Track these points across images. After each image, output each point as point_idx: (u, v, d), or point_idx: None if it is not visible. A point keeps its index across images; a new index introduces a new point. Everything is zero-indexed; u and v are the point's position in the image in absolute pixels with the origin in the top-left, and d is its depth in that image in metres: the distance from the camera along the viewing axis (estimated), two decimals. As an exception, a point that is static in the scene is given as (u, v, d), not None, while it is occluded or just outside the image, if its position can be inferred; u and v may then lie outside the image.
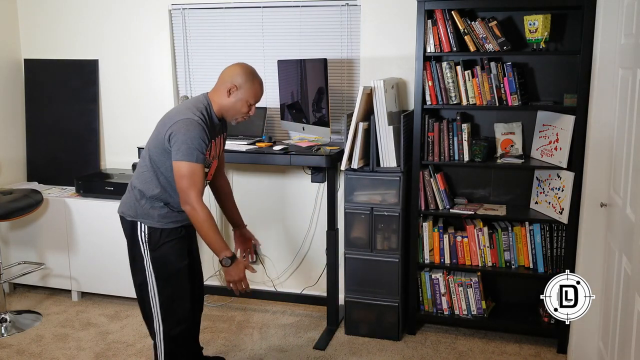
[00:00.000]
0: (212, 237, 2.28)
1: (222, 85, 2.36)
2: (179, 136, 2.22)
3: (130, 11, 3.77)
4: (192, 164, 2.23)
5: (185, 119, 2.25)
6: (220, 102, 2.37)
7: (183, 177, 2.23)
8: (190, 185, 2.23)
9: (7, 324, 3.40)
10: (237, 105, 2.37)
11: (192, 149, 2.22)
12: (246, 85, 2.35)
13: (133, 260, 2.43)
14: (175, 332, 2.41)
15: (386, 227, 3.13)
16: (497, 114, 3.22)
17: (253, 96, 2.38)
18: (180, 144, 2.22)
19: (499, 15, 3.06)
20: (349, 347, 3.16)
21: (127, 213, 2.40)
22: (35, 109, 4.06)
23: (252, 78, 2.36)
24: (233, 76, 2.35)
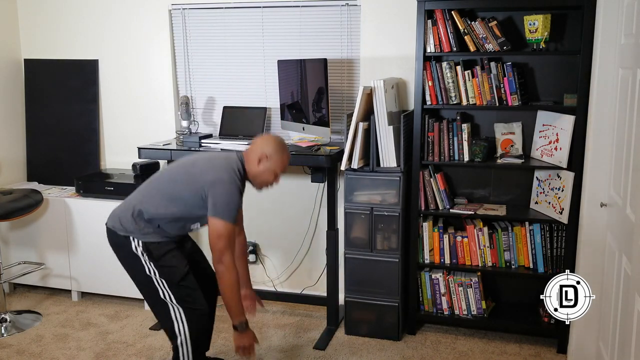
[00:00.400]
0: (235, 301, 2.42)
1: (254, 153, 2.49)
2: (219, 194, 2.34)
3: (130, 11, 3.78)
4: (230, 225, 2.34)
5: (225, 179, 2.36)
6: (250, 168, 2.50)
7: (221, 237, 2.33)
8: (227, 246, 2.35)
9: (7, 324, 3.40)
10: (265, 174, 2.50)
11: (232, 209, 2.35)
12: (275, 157, 2.49)
13: (136, 274, 2.47)
14: (199, 325, 2.48)
15: (386, 227, 3.13)
16: (497, 114, 3.22)
17: (280, 167, 2.53)
18: (220, 203, 2.34)
19: (499, 15, 3.06)
20: (349, 347, 3.16)
21: (119, 228, 2.43)
22: (35, 109, 4.06)
23: (282, 150, 2.52)
24: (265, 146, 2.49)
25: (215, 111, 3.76)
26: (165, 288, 2.42)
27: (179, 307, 2.43)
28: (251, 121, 3.56)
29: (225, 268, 2.35)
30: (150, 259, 2.40)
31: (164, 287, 2.42)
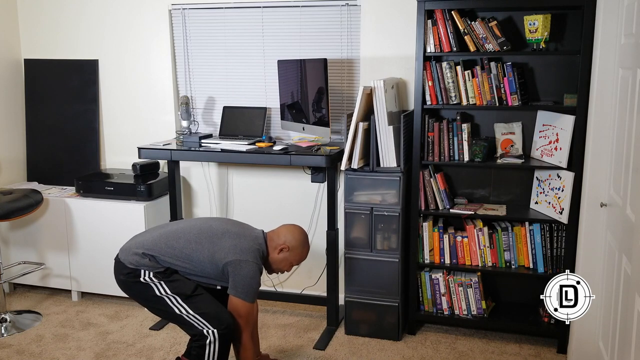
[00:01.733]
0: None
1: (278, 239, 2.61)
2: (242, 276, 2.43)
3: (130, 11, 3.77)
4: (250, 305, 2.46)
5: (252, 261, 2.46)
6: (271, 254, 2.61)
7: (240, 317, 2.47)
8: (245, 325, 2.48)
9: (7, 324, 3.40)
10: (282, 263, 2.62)
11: (254, 291, 2.46)
12: (297, 250, 2.63)
13: (148, 301, 2.49)
14: (225, 324, 2.48)
15: (386, 227, 3.13)
16: (497, 114, 3.22)
17: (298, 260, 2.66)
18: (242, 284, 2.43)
19: (499, 15, 3.06)
20: (349, 347, 3.16)
21: (129, 261, 2.46)
22: (35, 109, 4.06)
23: (304, 245, 2.66)
24: (289, 238, 2.62)
25: (215, 111, 3.76)
26: (180, 303, 2.44)
27: (197, 316, 2.43)
28: (251, 121, 3.56)
29: (242, 346, 2.50)
30: (158, 279, 2.44)
31: (178, 302, 2.44)
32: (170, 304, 2.43)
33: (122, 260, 2.49)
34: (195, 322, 2.43)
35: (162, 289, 2.43)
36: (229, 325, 2.45)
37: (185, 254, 2.46)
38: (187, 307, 2.43)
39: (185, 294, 2.44)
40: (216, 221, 2.63)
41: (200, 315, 2.43)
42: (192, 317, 2.43)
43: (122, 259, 2.49)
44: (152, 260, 2.44)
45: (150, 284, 2.43)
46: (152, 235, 2.54)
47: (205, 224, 2.59)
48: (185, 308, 2.43)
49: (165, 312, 2.47)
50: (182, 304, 2.43)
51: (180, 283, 2.46)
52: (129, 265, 2.45)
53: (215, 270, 2.46)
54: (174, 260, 2.46)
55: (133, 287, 2.48)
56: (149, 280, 2.43)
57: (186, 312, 2.43)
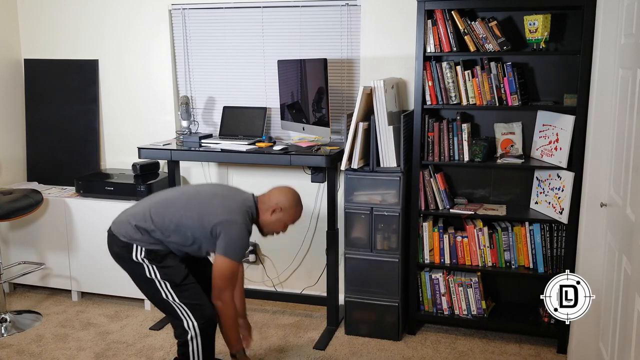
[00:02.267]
0: (234, 332, 2.57)
1: (269, 201, 2.58)
2: (231, 236, 2.41)
3: (130, 11, 3.77)
4: (236, 265, 2.45)
5: (237, 221, 2.43)
6: (262, 216, 2.58)
7: (225, 276, 2.43)
8: (228, 285, 2.45)
9: (7, 324, 3.40)
10: (276, 224, 2.60)
11: (238, 249, 2.44)
12: (290, 211, 2.60)
13: (136, 278, 2.50)
14: (207, 322, 2.50)
15: (386, 227, 3.13)
16: (497, 114, 3.22)
17: (292, 220, 2.63)
18: (231, 244, 2.41)
19: (499, 15, 3.06)
20: (349, 347, 3.16)
21: (122, 234, 2.46)
22: (35, 109, 4.06)
23: (296, 204, 2.62)
24: (281, 198, 2.58)
25: (215, 111, 3.76)
26: (168, 289, 2.44)
27: (182, 305, 2.45)
28: (251, 121, 3.56)
29: (224, 305, 2.46)
30: (151, 262, 2.43)
31: (167, 288, 2.44)
32: (159, 288, 2.44)
33: (115, 233, 2.48)
34: (179, 310, 2.45)
35: (153, 272, 2.43)
36: (210, 319, 2.48)
37: (175, 222, 2.44)
38: (175, 295, 2.44)
39: (174, 282, 2.45)
40: (205, 186, 2.67)
41: (185, 305, 2.44)
42: (178, 305, 2.44)
43: (115, 231, 2.49)
44: (145, 234, 2.43)
45: (142, 264, 2.43)
46: (143, 206, 2.54)
47: (194, 189, 2.61)
48: (172, 295, 2.44)
49: (153, 294, 2.48)
50: (170, 291, 2.44)
51: (172, 270, 2.46)
52: (122, 239, 2.45)
53: (204, 235, 2.44)
54: (164, 234, 2.44)
55: (127, 263, 2.48)
56: (142, 260, 2.42)
57: (172, 299, 2.44)
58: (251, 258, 3.79)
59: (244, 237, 2.44)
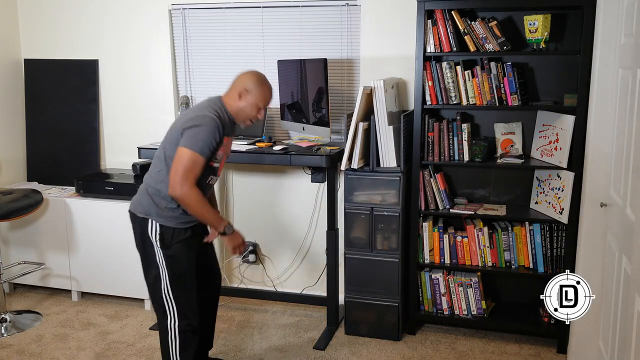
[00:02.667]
0: (209, 214, 2.42)
1: (234, 90, 2.50)
2: (191, 129, 2.34)
3: (130, 11, 3.77)
4: (196, 156, 2.32)
5: (201, 115, 2.38)
6: (232, 104, 2.50)
7: (182, 164, 2.30)
8: (188, 174, 2.30)
9: (7, 324, 3.40)
10: (247, 108, 2.50)
11: (199, 140, 2.32)
12: (256, 90, 2.48)
13: (145, 258, 2.51)
14: (189, 326, 2.50)
15: (386, 227, 3.13)
16: (497, 114, 3.22)
17: (262, 100, 2.51)
18: (189, 135, 2.33)
19: (499, 15, 3.06)
20: (349, 347, 3.16)
21: (139, 210, 2.46)
22: (35, 109, 4.06)
23: (261, 83, 2.51)
24: (244, 81, 2.50)
25: (215, 111, 3.76)
26: (166, 279, 2.45)
27: (171, 298, 2.46)
28: (251, 121, 3.55)
29: (184, 193, 2.30)
30: (161, 244, 2.43)
31: (166, 278, 2.45)
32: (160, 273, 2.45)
33: (132, 210, 2.49)
34: (167, 303, 2.46)
35: (159, 257, 2.45)
36: (190, 325, 2.49)
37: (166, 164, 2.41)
38: (170, 286, 2.45)
39: (176, 273, 2.45)
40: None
41: (174, 300, 2.46)
42: (167, 296, 2.46)
43: (131, 209, 2.50)
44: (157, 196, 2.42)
45: (154, 245, 2.44)
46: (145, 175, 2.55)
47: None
48: (167, 285, 2.45)
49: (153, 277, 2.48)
50: (167, 281, 2.45)
51: (175, 259, 2.45)
52: (140, 215, 2.45)
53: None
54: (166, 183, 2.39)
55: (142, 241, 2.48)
56: (154, 240, 2.43)
57: (166, 288, 2.45)
58: (251, 258, 3.79)
59: (207, 129, 2.33)
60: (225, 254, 3.87)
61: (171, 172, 2.33)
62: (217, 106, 2.45)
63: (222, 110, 2.46)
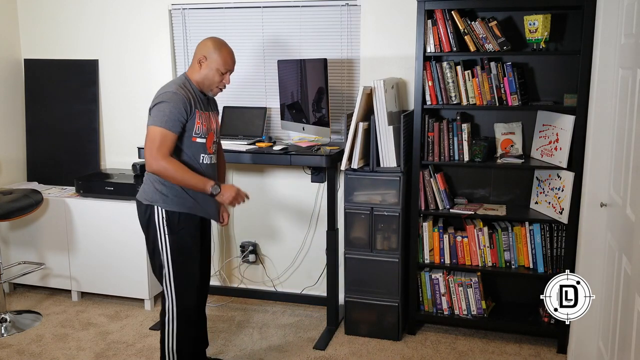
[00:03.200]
0: (193, 179, 2.41)
1: (194, 60, 2.52)
2: (155, 107, 2.38)
3: (130, 11, 3.77)
4: (166, 132, 2.34)
5: (163, 92, 2.40)
6: (195, 75, 2.50)
7: (151, 141, 2.34)
8: (159, 148, 2.33)
9: (7, 324, 3.40)
10: (210, 75, 2.50)
11: (163, 115, 2.34)
12: (214, 55, 2.48)
13: (150, 243, 2.54)
14: (184, 306, 2.53)
15: (386, 227, 3.13)
16: (497, 114, 3.22)
17: (223, 64, 2.49)
18: (154, 112, 2.37)
19: (499, 15, 3.06)
20: (349, 347, 3.16)
21: (144, 197, 2.50)
22: (35, 109, 4.06)
23: (219, 48, 2.50)
24: (202, 48, 2.51)
25: (215, 111, 3.76)
26: (169, 263, 2.48)
27: (172, 281, 2.49)
28: (251, 121, 3.56)
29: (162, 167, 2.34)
30: (166, 229, 2.45)
31: (168, 261, 2.48)
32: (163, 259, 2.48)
33: (138, 198, 2.52)
34: (167, 288, 2.50)
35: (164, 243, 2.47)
36: (187, 310, 2.53)
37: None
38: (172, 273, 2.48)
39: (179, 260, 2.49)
40: None
41: (174, 286, 2.49)
42: (168, 282, 2.49)
43: (138, 197, 2.53)
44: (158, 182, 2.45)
45: (157, 229, 2.46)
46: None
47: None
48: (170, 271, 2.48)
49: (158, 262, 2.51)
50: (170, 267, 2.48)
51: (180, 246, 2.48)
52: (145, 202, 2.48)
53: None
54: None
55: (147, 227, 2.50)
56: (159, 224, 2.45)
57: (168, 274, 2.49)
58: (251, 258, 3.79)
59: (171, 105, 2.34)
60: (224, 254, 3.87)
61: (144, 151, 2.36)
62: (180, 81, 2.46)
63: (186, 84, 2.46)
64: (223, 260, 3.88)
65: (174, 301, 2.51)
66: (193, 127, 2.43)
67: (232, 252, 3.88)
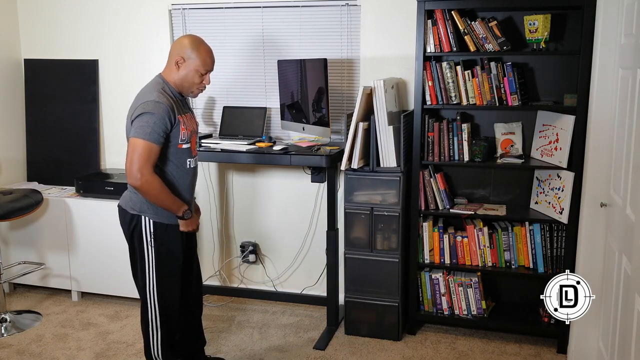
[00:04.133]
0: (170, 200, 2.36)
1: (170, 60, 2.39)
2: (138, 118, 2.26)
3: (130, 11, 3.77)
4: (148, 144, 2.25)
5: (145, 102, 2.28)
6: (172, 77, 2.40)
7: (137, 154, 2.24)
8: (144, 163, 2.25)
9: (7, 324, 3.40)
10: (189, 77, 2.39)
11: (148, 127, 2.24)
12: (192, 55, 2.37)
13: (133, 252, 2.48)
14: (169, 319, 2.50)
15: (386, 227, 3.13)
16: (497, 114, 3.22)
17: (202, 65, 2.38)
18: (138, 124, 2.25)
19: (499, 15, 3.06)
20: (349, 347, 3.16)
21: (130, 207, 2.42)
22: (35, 109, 4.06)
23: (197, 47, 2.38)
24: (178, 48, 2.38)
25: (215, 111, 3.76)
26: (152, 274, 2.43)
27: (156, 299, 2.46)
28: (251, 121, 3.56)
29: (145, 180, 2.25)
30: (153, 240, 2.40)
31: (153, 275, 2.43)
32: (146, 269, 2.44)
33: (123, 205, 2.45)
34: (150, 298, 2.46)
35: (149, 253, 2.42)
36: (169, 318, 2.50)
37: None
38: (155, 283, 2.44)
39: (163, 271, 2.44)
40: None
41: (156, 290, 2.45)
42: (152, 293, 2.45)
43: (122, 204, 2.46)
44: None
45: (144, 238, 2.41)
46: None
47: None
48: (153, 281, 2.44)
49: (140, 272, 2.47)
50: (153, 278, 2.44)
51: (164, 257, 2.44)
52: (130, 212, 2.41)
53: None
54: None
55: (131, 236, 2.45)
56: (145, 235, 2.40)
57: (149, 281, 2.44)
58: (251, 258, 3.79)
59: (156, 116, 2.24)
60: (224, 254, 3.87)
61: (127, 163, 2.26)
62: (159, 86, 2.34)
63: (165, 88, 2.35)
64: (223, 260, 3.88)
65: (156, 309, 2.47)
66: (178, 135, 2.35)
67: (232, 252, 3.88)
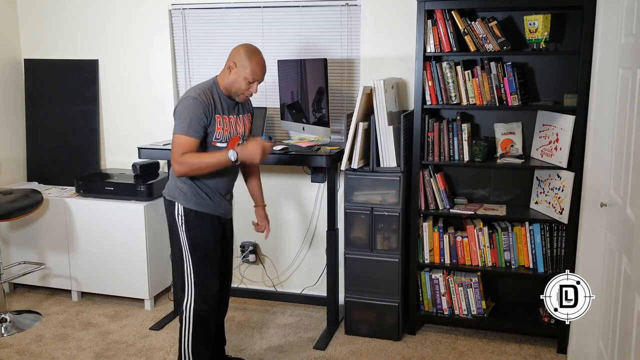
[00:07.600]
0: (212, 160, 2.42)
1: (226, 64, 2.53)
2: (176, 115, 2.42)
3: (130, 11, 3.78)
4: (188, 139, 2.38)
5: (184, 98, 2.43)
6: (223, 80, 2.52)
7: (175, 148, 2.39)
8: (181, 154, 2.38)
9: (7, 324, 3.40)
10: (237, 82, 2.50)
11: (183, 122, 2.38)
12: (244, 63, 2.47)
13: (172, 236, 2.59)
14: (203, 310, 2.55)
15: (386, 227, 3.13)
16: (497, 114, 3.22)
17: (250, 74, 2.48)
18: (176, 120, 2.41)
19: (499, 15, 3.06)
20: (349, 347, 3.16)
21: (167, 193, 2.57)
22: (35, 109, 4.06)
23: (250, 56, 2.48)
24: (234, 54, 2.52)
25: (215, 111, 3.76)
26: (189, 258, 2.51)
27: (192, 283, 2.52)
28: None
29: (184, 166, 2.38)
30: (185, 226, 2.50)
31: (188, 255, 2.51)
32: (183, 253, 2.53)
33: (164, 194, 2.59)
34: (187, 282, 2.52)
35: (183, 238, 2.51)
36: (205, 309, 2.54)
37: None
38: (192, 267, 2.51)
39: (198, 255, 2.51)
40: None
41: (194, 280, 2.51)
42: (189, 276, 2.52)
43: (164, 193, 2.59)
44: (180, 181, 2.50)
45: (178, 226, 2.51)
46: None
47: None
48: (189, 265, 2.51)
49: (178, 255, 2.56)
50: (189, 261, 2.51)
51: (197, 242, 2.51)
52: (167, 198, 2.55)
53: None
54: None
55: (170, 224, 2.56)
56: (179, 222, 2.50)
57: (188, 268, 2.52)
58: (251, 258, 3.79)
59: (190, 111, 2.37)
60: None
61: (172, 157, 2.41)
62: (206, 85, 2.48)
63: (211, 88, 2.48)
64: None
65: (192, 296, 2.52)
66: (213, 132, 2.45)
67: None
